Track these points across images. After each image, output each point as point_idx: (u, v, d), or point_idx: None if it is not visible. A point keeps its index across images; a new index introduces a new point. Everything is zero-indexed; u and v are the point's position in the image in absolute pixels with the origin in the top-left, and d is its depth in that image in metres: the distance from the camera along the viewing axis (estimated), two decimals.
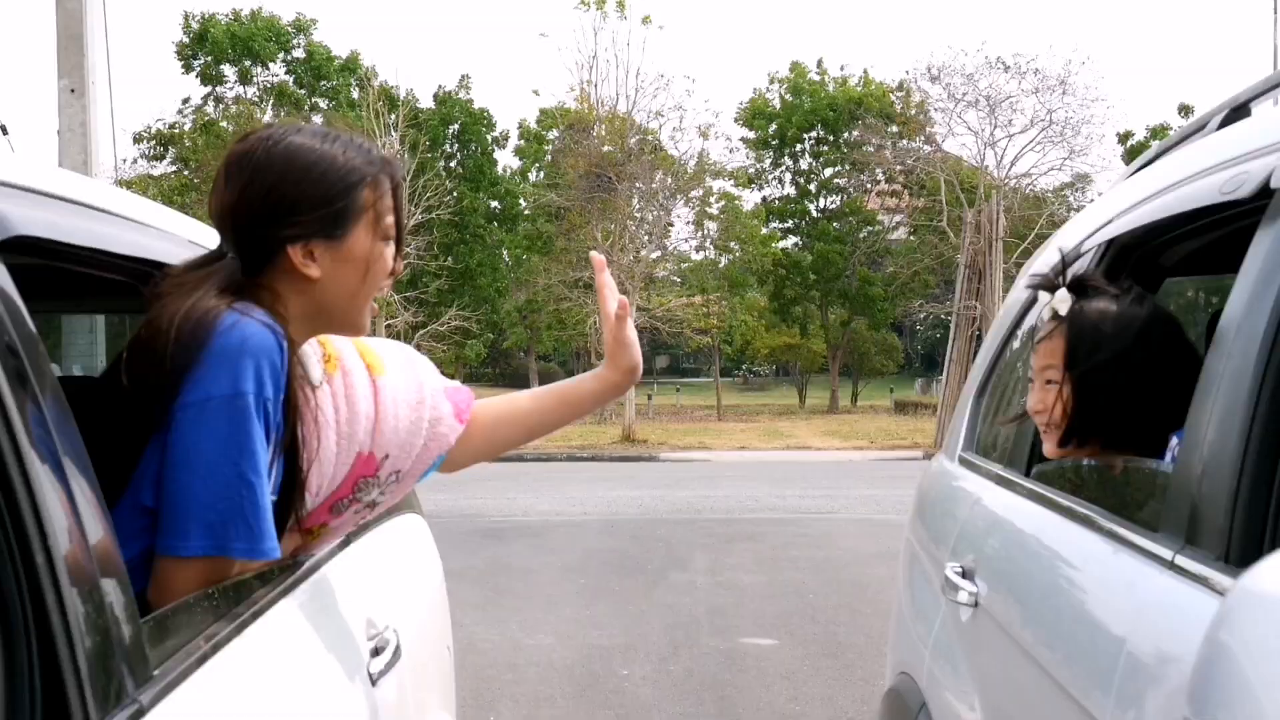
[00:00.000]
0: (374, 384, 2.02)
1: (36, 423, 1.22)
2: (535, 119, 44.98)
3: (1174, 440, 2.10)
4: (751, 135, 45.43)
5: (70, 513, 1.24)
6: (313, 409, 1.89)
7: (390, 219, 1.92)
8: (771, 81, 46.74)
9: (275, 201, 1.82)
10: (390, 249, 1.94)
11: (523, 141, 45.79)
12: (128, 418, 1.70)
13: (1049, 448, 2.30)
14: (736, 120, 45.22)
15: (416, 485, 2.23)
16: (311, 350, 1.97)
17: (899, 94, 41.77)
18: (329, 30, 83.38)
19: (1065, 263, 2.37)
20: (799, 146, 46.60)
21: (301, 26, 43.22)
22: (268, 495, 1.71)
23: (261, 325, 1.71)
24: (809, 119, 45.36)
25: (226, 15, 42.20)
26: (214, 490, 1.65)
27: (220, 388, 1.65)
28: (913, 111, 39.44)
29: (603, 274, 2.14)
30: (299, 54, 43.11)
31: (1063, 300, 2.23)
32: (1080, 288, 2.27)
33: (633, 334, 2.15)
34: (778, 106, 46.19)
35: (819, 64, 46.41)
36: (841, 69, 48.07)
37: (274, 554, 1.74)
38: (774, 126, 45.93)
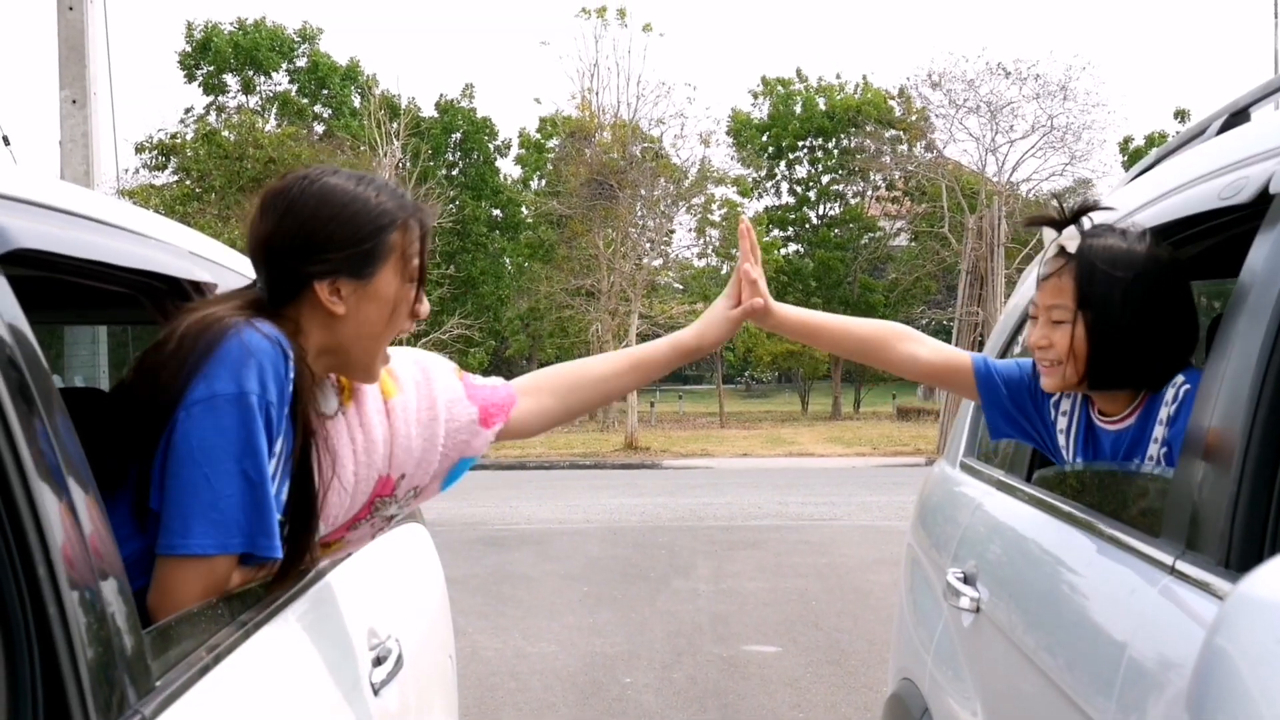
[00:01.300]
0: (386, 406, 2.03)
1: (39, 435, 1.22)
2: (536, 127, 45.04)
3: (1180, 378, 2.08)
4: (744, 149, 45.18)
5: (72, 524, 1.24)
6: (326, 438, 1.91)
7: (416, 262, 1.94)
8: (756, 96, 46.74)
9: (307, 236, 1.86)
10: (413, 290, 1.96)
11: (524, 150, 45.79)
12: (131, 429, 1.71)
13: (1050, 383, 2.26)
14: (727, 132, 45.11)
15: None
16: (329, 381, 1.99)
17: (899, 100, 41.78)
18: (330, 39, 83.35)
19: (1078, 204, 2.33)
20: (794, 155, 46.59)
21: (307, 35, 43.29)
22: (271, 495, 1.72)
23: (265, 335, 1.73)
24: (805, 127, 45.35)
25: (230, 25, 42.29)
26: (216, 489, 1.66)
27: (224, 387, 1.67)
28: (912, 118, 39.43)
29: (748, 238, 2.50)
30: (302, 63, 43.18)
31: (1071, 237, 2.19)
32: (1084, 226, 2.24)
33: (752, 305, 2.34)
34: (765, 118, 46.09)
35: (799, 73, 46.39)
36: (838, 76, 48.04)
37: (276, 552, 1.74)
38: (766, 136, 45.84)
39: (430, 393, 2.11)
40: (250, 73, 42.52)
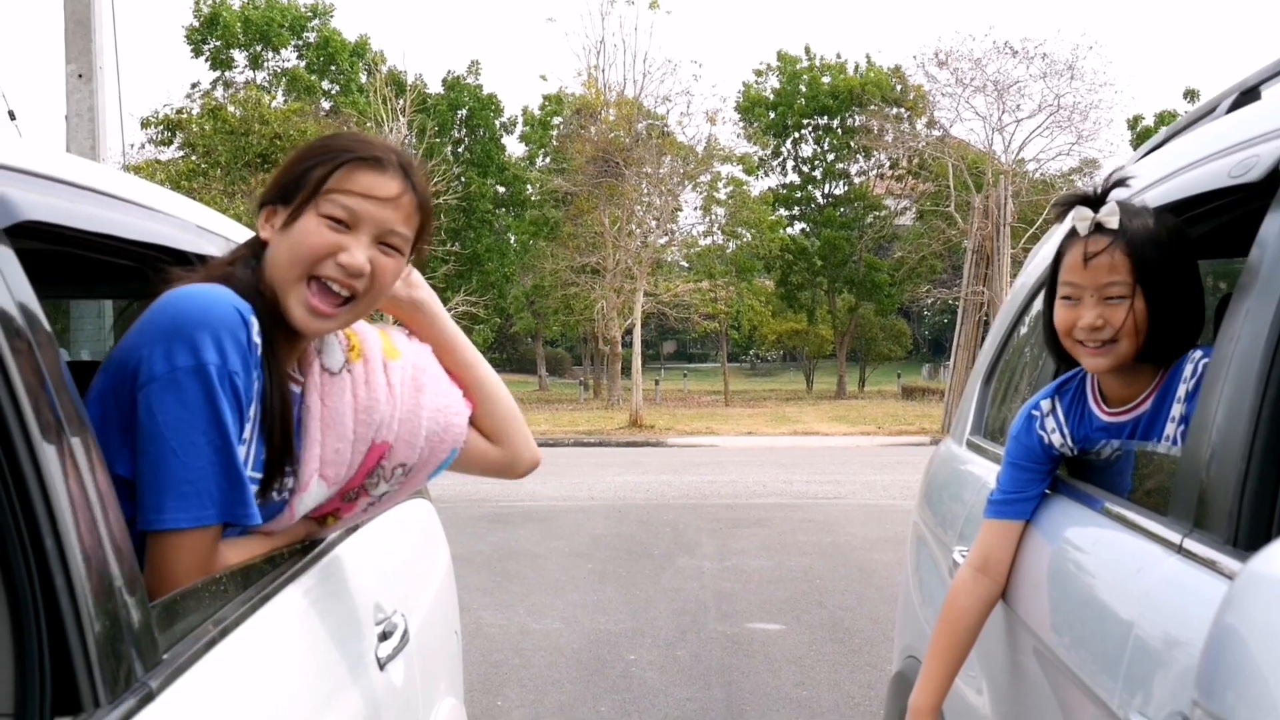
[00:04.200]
0: (386, 368, 2.02)
1: (46, 408, 1.22)
2: (541, 105, 44.89)
3: (1199, 354, 2.06)
4: (751, 126, 44.94)
5: (80, 498, 1.24)
6: (323, 395, 1.90)
7: (345, 203, 1.87)
8: (761, 74, 46.52)
9: (277, 172, 1.96)
10: (335, 234, 1.87)
11: (528, 127, 45.68)
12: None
13: (1102, 363, 2.15)
14: (736, 109, 44.87)
15: None
16: (336, 339, 1.97)
17: (895, 78, 41.68)
18: (340, 17, 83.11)
19: (1111, 179, 2.30)
20: (799, 134, 46.42)
21: (319, 11, 43.20)
22: (241, 462, 1.70)
23: (225, 302, 1.70)
24: (811, 105, 45.17)
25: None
26: (185, 463, 1.64)
27: (182, 359, 1.64)
28: (910, 95, 39.36)
29: None
30: (311, 38, 43.09)
31: (1111, 213, 2.15)
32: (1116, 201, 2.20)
33: None
34: (771, 96, 45.88)
35: (807, 51, 46.14)
36: (839, 56, 47.79)
37: (255, 519, 1.73)
38: (773, 115, 45.67)
39: (418, 364, 2.09)
40: (259, 48, 42.43)
